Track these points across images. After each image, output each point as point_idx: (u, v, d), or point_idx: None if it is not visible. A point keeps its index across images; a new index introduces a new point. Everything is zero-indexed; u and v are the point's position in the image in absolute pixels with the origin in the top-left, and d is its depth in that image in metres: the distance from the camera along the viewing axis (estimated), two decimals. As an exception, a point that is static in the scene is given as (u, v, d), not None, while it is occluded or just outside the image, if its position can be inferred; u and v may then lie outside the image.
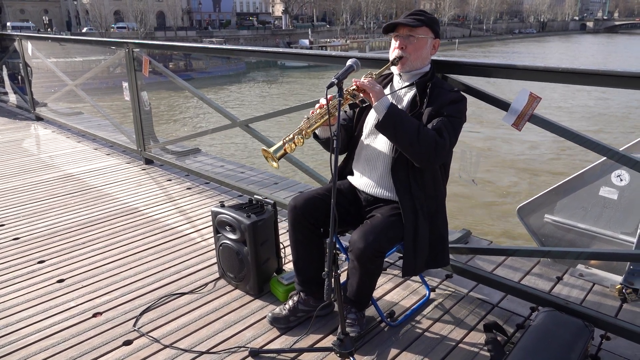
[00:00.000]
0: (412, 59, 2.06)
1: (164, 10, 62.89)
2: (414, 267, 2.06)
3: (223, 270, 2.64)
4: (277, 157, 1.96)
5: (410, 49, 2.04)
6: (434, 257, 2.12)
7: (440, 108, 1.99)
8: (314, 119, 2.00)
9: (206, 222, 3.45)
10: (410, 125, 1.91)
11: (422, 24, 2.02)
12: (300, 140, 1.97)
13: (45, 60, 6.63)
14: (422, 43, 2.05)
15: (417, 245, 2.03)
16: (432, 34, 2.07)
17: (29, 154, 5.30)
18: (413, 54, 2.05)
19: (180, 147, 5.43)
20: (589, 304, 2.46)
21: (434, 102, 2.01)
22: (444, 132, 1.94)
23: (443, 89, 2.06)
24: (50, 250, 3.08)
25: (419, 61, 2.08)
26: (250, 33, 62.44)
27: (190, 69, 37.25)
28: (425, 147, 1.90)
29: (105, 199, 3.96)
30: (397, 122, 1.91)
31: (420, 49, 2.05)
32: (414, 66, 2.08)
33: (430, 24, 2.05)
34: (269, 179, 4.50)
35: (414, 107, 2.05)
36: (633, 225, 2.71)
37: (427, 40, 2.06)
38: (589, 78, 2.00)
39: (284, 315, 2.25)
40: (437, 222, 2.11)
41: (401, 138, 1.92)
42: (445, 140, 1.94)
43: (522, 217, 3.20)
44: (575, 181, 2.98)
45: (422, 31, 2.04)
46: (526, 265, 2.83)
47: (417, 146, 1.90)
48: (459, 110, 2.02)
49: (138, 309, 2.42)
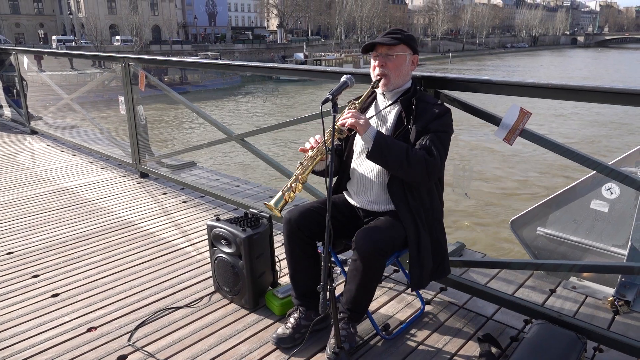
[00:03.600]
0: (393, 76, 2.11)
1: (159, 24, 63.34)
2: (422, 279, 2.09)
3: (218, 284, 2.64)
4: (279, 208, 2.01)
5: (390, 66, 2.10)
6: (437, 268, 2.15)
7: (427, 124, 2.04)
8: (307, 163, 2.07)
9: (201, 236, 3.45)
10: (399, 150, 1.96)
11: (399, 42, 2.09)
12: (298, 187, 2.04)
13: (41, 74, 6.66)
14: (401, 60, 2.12)
15: (422, 256, 2.06)
16: (410, 51, 2.14)
17: (23, 167, 5.30)
18: (394, 71, 2.11)
19: (176, 160, 5.45)
20: (581, 316, 2.49)
21: (419, 117, 2.06)
22: (434, 150, 2.00)
23: (427, 103, 2.12)
24: (45, 264, 3.07)
25: (400, 78, 2.14)
26: (246, 47, 62.86)
27: (185, 82, 37.33)
28: (417, 168, 1.97)
29: (100, 212, 3.96)
30: (385, 151, 1.97)
31: (399, 65, 2.11)
32: (396, 83, 2.14)
33: (408, 41, 2.12)
34: (265, 192, 4.52)
35: (400, 124, 2.11)
36: (624, 238, 2.75)
37: (405, 56, 2.13)
38: (581, 94, 2.05)
39: (289, 335, 2.22)
40: (437, 232, 2.15)
41: (392, 164, 1.99)
42: (435, 159, 1.99)
43: (515, 229, 3.23)
44: (567, 194, 3.02)
45: (400, 49, 2.11)
46: (520, 278, 2.85)
47: (409, 169, 1.97)
48: (445, 124, 2.07)
49: (133, 324, 2.42)
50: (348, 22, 75.31)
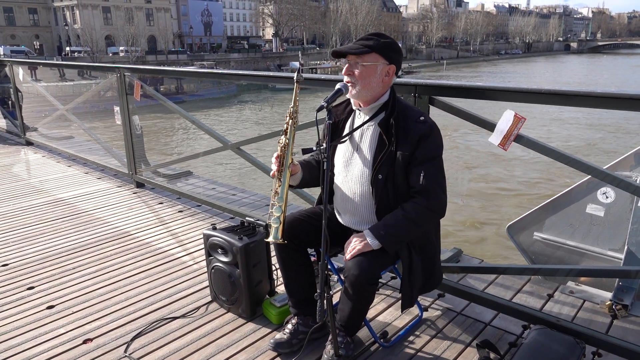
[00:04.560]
0: (360, 86, 1.93)
1: (155, 34, 63.48)
2: (412, 299, 2.09)
3: (215, 293, 2.63)
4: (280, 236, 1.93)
5: (357, 75, 1.93)
6: (426, 283, 2.12)
7: (413, 150, 1.92)
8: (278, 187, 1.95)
9: (198, 245, 3.44)
10: (404, 225, 1.91)
11: (370, 49, 1.89)
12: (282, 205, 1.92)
13: (36, 85, 6.65)
14: (370, 71, 1.91)
15: (413, 277, 2.03)
16: (385, 60, 1.93)
17: (18, 179, 5.28)
18: (361, 81, 1.92)
19: (172, 170, 5.44)
20: (580, 321, 2.48)
21: (402, 138, 1.94)
22: (432, 187, 1.92)
23: (409, 119, 1.96)
24: (40, 276, 3.05)
25: (368, 91, 1.95)
26: (241, 56, 63.10)
27: (181, 92, 37.41)
28: (427, 221, 1.97)
29: (96, 223, 3.94)
30: (396, 238, 1.92)
31: (368, 77, 1.92)
32: (363, 96, 1.97)
33: (381, 49, 1.91)
34: (261, 200, 4.51)
35: (381, 145, 1.97)
36: (620, 242, 2.75)
37: (376, 67, 1.92)
38: (574, 99, 2.06)
39: (287, 340, 2.21)
40: (428, 251, 2.10)
41: (408, 237, 1.98)
42: (438, 197, 1.94)
43: (512, 235, 3.23)
44: (562, 199, 3.03)
45: (371, 58, 1.91)
46: (517, 283, 2.85)
47: (421, 227, 1.97)
48: (434, 147, 1.95)
49: (129, 334, 2.40)
50: (343, 31, 75.73)
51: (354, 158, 2.08)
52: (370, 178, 2.00)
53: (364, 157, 2.04)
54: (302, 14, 79.47)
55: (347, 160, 2.10)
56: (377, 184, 1.98)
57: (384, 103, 2.00)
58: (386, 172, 1.97)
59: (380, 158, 1.96)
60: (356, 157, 2.07)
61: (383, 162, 1.96)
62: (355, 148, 2.08)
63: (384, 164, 1.96)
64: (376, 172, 1.98)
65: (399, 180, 1.97)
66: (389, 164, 1.96)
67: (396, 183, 1.97)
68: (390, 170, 1.96)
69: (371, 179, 1.99)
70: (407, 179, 1.96)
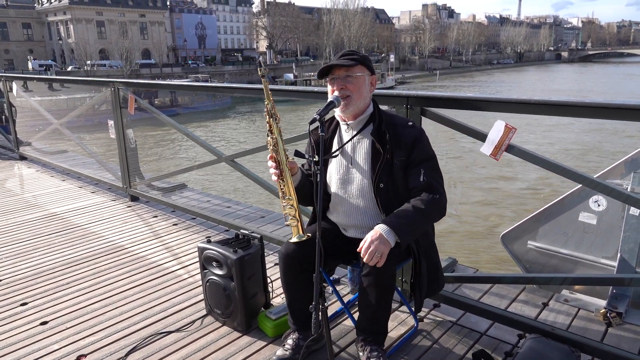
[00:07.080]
0: (355, 98, 2.02)
1: (149, 48, 63.73)
2: (421, 303, 2.15)
3: (210, 306, 2.61)
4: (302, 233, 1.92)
5: (351, 88, 2.01)
6: (431, 286, 2.15)
7: (409, 153, 2.01)
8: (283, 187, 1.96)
9: (193, 258, 3.43)
10: (415, 217, 1.92)
11: (357, 62, 2.02)
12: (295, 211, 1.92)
13: (30, 99, 6.66)
14: (362, 81, 2.04)
15: (421, 282, 2.08)
16: (368, 71, 2.07)
17: (12, 193, 5.25)
18: (356, 93, 2.02)
19: (166, 183, 5.43)
20: (575, 329, 2.48)
21: (397, 145, 2.01)
22: (434, 185, 1.99)
23: (397, 125, 2.06)
24: (34, 291, 3.02)
25: (362, 100, 2.05)
26: (235, 68, 63.41)
27: (175, 105, 37.42)
28: (435, 214, 1.99)
29: (90, 237, 3.92)
30: (412, 231, 1.92)
31: (360, 87, 2.03)
32: (358, 106, 2.05)
33: (364, 61, 2.06)
34: (256, 212, 4.51)
35: (377, 155, 2.03)
36: (613, 249, 2.77)
37: (364, 77, 2.05)
38: (563, 109, 2.09)
39: (290, 356, 2.17)
40: (431, 254, 2.15)
41: (422, 229, 2.01)
42: (440, 194, 1.99)
43: (506, 244, 3.24)
44: (555, 207, 3.04)
45: (359, 69, 2.03)
46: (512, 292, 2.86)
47: (431, 220, 2.03)
48: (428, 147, 2.05)
49: (124, 350, 2.38)
50: (336, 42, 76.23)
51: (350, 173, 2.11)
52: (373, 189, 2.04)
53: (361, 169, 2.09)
54: (296, 26, 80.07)
55: (343, 176, 2.12)
56: (380, 193, 2.03)
57: (371, 114, 2.09)
58: (386, 180, 2.03)
59: (379, 167, 2.02)
60: (353, 172, 2.11)
61: (382, 171, 2.02)
62: (349, 162, 2.12)
63: (383, 172, 2.02)
64: (377, 181, 2.03)
65: (400, 186, 2.04)
66: (387, 171, 2.02)
67: (397, 189, 2.04)
68: (390, 178, 2.03)
69: (374, 190, 2.04)
70: (407, 182, 2.03)
